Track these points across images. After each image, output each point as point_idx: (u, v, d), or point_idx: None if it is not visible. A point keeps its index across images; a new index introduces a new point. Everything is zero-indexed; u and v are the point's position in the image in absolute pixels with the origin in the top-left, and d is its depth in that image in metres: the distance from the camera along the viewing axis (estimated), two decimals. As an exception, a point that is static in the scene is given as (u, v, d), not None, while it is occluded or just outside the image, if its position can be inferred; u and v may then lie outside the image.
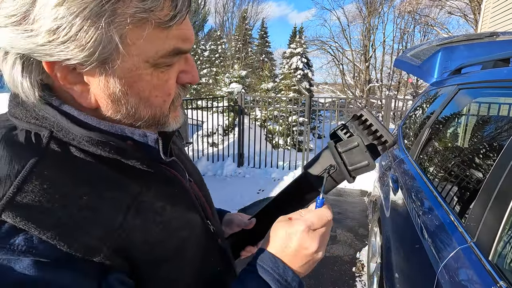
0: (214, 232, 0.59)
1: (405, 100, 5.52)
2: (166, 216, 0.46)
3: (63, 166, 0.38)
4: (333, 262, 2.80)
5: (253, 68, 18.52)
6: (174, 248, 0.46)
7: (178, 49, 0.41)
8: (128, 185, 0.43)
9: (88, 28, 0.34)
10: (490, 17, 6.79)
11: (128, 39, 0.37)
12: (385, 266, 1.71)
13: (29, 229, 0.33)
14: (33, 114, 0.41)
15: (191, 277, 0.50)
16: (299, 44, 12.94)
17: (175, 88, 0.46)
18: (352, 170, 0.58)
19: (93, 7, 0.33)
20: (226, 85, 8.70)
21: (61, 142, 0.40)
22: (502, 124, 1.38)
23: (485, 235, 0.86)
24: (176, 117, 0.49)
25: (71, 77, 0.39)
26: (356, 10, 24.40)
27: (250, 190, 4.64)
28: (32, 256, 0.33)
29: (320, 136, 11.63)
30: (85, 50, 0.35)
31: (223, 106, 6.10)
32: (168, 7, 0.38)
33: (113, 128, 0.43)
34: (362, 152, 0.56)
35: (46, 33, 0.34)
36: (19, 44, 0.35)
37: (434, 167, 1.68)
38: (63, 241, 0.34)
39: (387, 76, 24.53)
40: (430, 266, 1.02)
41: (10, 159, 0.36)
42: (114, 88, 0.39)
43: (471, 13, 17.33)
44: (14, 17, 0.34)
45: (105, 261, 0.37)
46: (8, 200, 0.33)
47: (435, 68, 2.41)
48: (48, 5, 0.33)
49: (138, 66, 0.39)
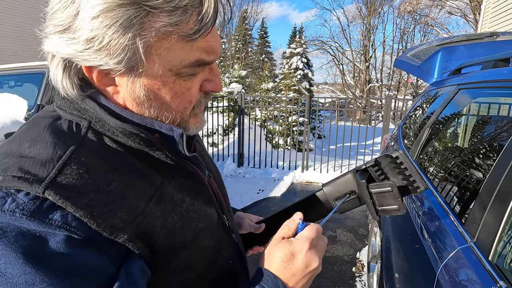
0: (229, 227, 0.61)
1: (405, 100, 5.52)
2: (185, 207, 0.49)
3: (97, 154, 0.43)
4: (333, 262, 2.80)
5: (253, 68, 18.51)
6: (192, 237, 0.49)
7: (202, 60, 0.45)
8: (152, 176, 0.47)
9: (117, 39, 0.39)
10: (490, 17, 6.79)
11: (153, 49, 0.41)
12: (385, 266, 1.71)
13: (65, 207, 0.37)
14: (76, 106, 0.46)
15: (205, 267, 0.52)
16: (299, 44, 12.94)
17: (198, 95, 0.49)
18: (380, 211, 0.59)
19: (123, 21, 0.38)
20: (226, 85, 8.70)
21: (97, 132, 0.45)
22: (502, 124, 1.38)
23: (485, 235, 0.86)
24: (196, 123, 0.52)
25: (105, 80, 0.44)
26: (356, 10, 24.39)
27: (250, 190, 4.63)
28: (65, 231, 0.37)
29: (320, 136, 11.64)
30: (114, 58, 0.40)
31: (223, 106, 6.10)
32: (194, 21, 0.41)
33: (144, 121, 0.47)
34: (394, 197, 0.57)
35: (84, 42, 0.39)
36: (63, 50, 0.41)
37: (434, 167, 1.68)
38: (93, 220, 0.38)
39: (387, 76, 24.52)
40: (430, 266, 1.02)
41: (54, 144, 0.41)
42: (139, 92, 0.44)
43: (471, 13, 17.33)
44: (60, 27, 0.40)
45: (128, 243, 0.41)
46: (51, 180, 0.38)
47: (435, 68, 2.41)
48: (87, 17, 0.38)
49: (162, 74, 0.43)
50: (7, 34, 9.94)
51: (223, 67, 17.23)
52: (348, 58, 25.35)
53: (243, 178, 5.26)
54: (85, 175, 0.40)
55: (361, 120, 19.28)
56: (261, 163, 5.68)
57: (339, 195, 0.64)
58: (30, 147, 0.41)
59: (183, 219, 0.48)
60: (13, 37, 9.98)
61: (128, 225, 0.41)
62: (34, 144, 0.41)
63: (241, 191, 4.53)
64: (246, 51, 19.92)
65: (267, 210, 4.02)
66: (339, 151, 6.79)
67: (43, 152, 0.40)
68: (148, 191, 0.45)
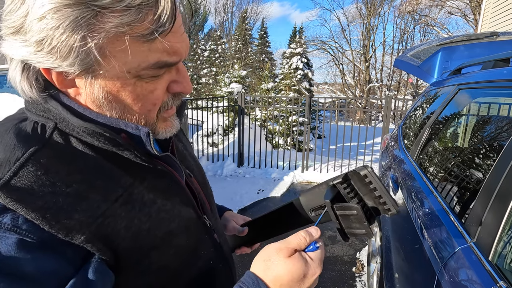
0: (210, 227, 0.60)
1: (405, 100, 5.51)
2: (155, 207, 0.48)
3: (61, 156, 0.42)
4: (333, 262, 2.80)
5: (253, 68, 18.51)
6: (162, 238, 0.48)
7: (163, 62, 0.42)
8: (121, 177, 0.46)
9: (66, 41, 0.37)
10: (490, 17, 6.79)
11: (107, 51, 0.39)
12: (385, 266, 1.71)
13: (16, 209, 0.37)
14: (40, 107, 0.45)
15: (180, 267, 0.52)
16: (299, 44, 12.94)
17: (163, 97, 0.47)
18: (348, 233, 0.55)
19: (69, 22, 0.36)
20: (226, 85, 8.69)
21: (63, 133, 0.44)
22: (502, 124, 1.38)
23: (485, 235, 0.86)
24: (166, 127, 0.51)
25: (65, 82, 0.43)
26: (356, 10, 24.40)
27: (250, 190, 4.63)
28: (16, 234, 0.36)
29: (320, 136, 11.64)
30: (66, 60, 0.39)
31: (223, 106, 6.10)
32: (149, 21, 0.39)
33: (108, 121, 0.45)
34: (360, 221, 0.53)
35: (35, 44, 0.38)
36: (17, 52, 0.40)
37: (434, 167, 1.68)
38: (46, 222, 0.38)
39: (387, 76, 24.52)
40: (430, 266, 1.02)
41: (14, 146, 0.40)
42: (98, 94, 0.43)
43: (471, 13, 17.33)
44: (13, 28, 0.39)
45: (86, 244, 0.40)
46: (4, 183, 0.37)
47: (435, 68, 2.41)
48: (35, 18, 0.37)
49: (120, 77, 0.41)
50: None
51: (223, 67, 17.24)
52: (348, 58, 25.35)
53: (243, 178, 5.25)
54: (43, 177, 0.39)
55: (361, 120, 19.28)
56: (261, 163, 5.67)
57: (315, 206, 0.62)
58: None
59: (152, 220, 0.47)
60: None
61: (86, 227, 0.40)
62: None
63: (241, 191, 4.52)
64: (246, 51, 19.93)
65: (267, 210, 4.01)
66: (339, 151, 6.79)
67: (1, 154, 0.39)
68: (115, 192, 0.44)
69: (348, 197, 0.56)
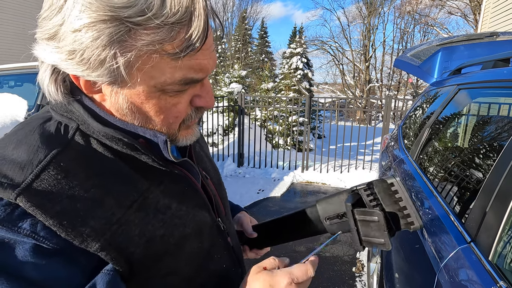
0: (224, 230, 0.60)
1: (405, 100, 5.51)
2: (169, 213, 0.48)
3: (81, 158, 0.43)
4: (333, 262, 2.80)
5: (253, 68, 18.51)
6: (175, 243, 0.48)
7: (189, 79, 0.43)
8: (138, 180, 0.46)
9: (98, 55, 0.38)
10: (490, 17, 6.79)
11: (135, 66, 0.40)
12: (385, 266, 1.71)
13: (36, 215, 0.37)
14: (64, 107, 0.46)
15: (191, 271, 0.51)
16: (299, 44, 12.94)
17: (188, 110, 0.48)
18: (364, 241, 0.54)
19: (104, 37, 0.37)
20: (226, 85, 8.69)
21: (85, 135, 0.45)
22: (502, 124, 1.38)
23: (485, 235, 0.86)
24: (187, 135, 0.51)
25: (92, 88, 0.43)
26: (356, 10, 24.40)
27: (250, 190, 4.63)
28: (34, 240, 0.37)
29: (320, 136, 11.64)
30: (95, 72, 0.40)
31: (223, 106, 6.10)
32: (181, 39, 0.39)
33: (127, 126, 0.46)
34: (380, 229, 0.51)
35: (67, 52, 0.39)
36: (49, 57, 0.41)
37: (434, 167, 1.68)
38: (63, 229, 0.38)
39: (387, 76, 24.52)
40: (430, 266, 1.02)
41: (37, 147, 0.41)
42: (122, 104, 0.44)
43: (471, 13, 17.32)
44: (47, 34, 0.40)
45: (100, 252, 0.40)
46: (26, 186, 0.38)
47: (435, 68, 2.41)
48: (70, 29, 0.38)
49: (145, 90, 0.42)
50: (8, 34, 9.94)
51: (223, 67, 17.23)
52: (348, 58, 25.35)
53: (243, 178, 5.26)
54: (63, 180, 0.40)
55: (361, 120, 19.28)
56: (261, 163, 5.67)
57: (332, 215, 0.60)
58: (14, 149, 0.41)
59: (166, 226, 0.47)
60: (14, 37, 9.98)
61: (101, 234, 0.40)
62: (18, 147, 0.41)
63: (241, 191, 4.53)
64: (246, 51, 19.92)
65: (267, 210, 4.02)
66: (339, 151, 6.79)
67: (24, 155, 0.40)
68: (131, 196, 0.44)
69: (370, 205, 0.54)
